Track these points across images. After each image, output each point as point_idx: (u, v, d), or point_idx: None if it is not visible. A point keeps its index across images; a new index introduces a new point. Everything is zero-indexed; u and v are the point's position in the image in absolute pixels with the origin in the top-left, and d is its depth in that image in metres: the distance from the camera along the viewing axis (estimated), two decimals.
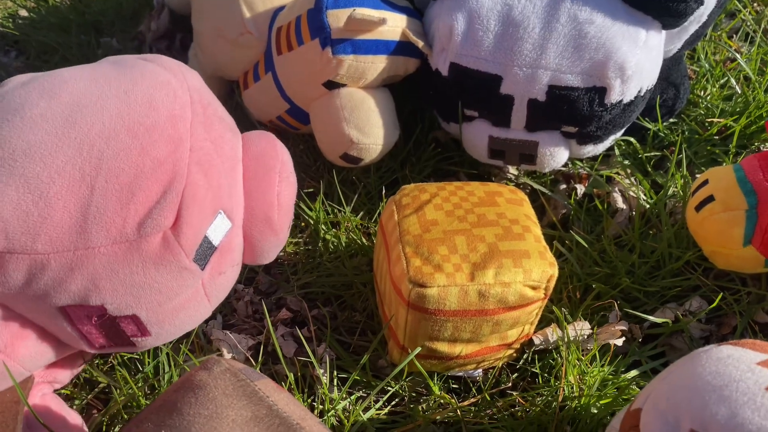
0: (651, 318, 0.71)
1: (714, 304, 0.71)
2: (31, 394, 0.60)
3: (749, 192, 0.68)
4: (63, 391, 0.69)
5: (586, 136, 0.77)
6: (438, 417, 0.66)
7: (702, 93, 0.97)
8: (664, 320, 0.71)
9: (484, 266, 0.60)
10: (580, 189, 0.87)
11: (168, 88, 0.56)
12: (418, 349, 0.64)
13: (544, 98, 0.73)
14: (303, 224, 0.86)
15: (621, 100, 0.73)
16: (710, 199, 0.70)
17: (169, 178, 0.53)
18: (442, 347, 0.64)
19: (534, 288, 0.61)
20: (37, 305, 0.53)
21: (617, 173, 0.88)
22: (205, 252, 0.56)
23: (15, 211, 0.49)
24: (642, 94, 0.76)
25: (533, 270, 0.61)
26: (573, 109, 0.73)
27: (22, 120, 0.52)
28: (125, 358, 0.70)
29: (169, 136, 0.54)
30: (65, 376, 0.65)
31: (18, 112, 0.52)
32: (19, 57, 1.22)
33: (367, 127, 0.78)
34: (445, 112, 0.83)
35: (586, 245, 0.78)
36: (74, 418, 0.62)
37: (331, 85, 0.79)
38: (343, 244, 0.82)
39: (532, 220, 0.66)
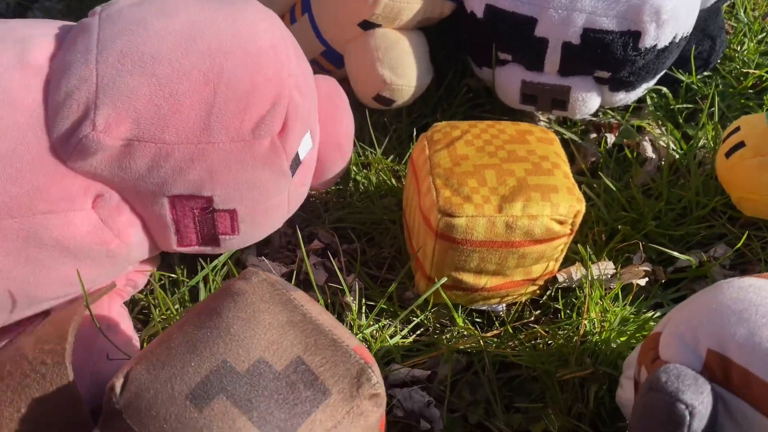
0: (676, 254, 0.72)
1: (739, 245, 0.71)
2: (103, 303, 0.65)
3: None
4: None
5: (619, 82, 0.78)
6: (461, 346, 0.68)
7: (739, 48, 0.96)
8: (687, 257, 0.72)
9: (513, 199, 0.62)
10: (610, 138, 0.87)
11: (267, 21, 0.62)
12: (445, 279, 0.66)
13: (578, 41, 0.74)
14: None
15: (655, 46, 0.73)
16: (741, 145, 0.70)
17: (276, 93, 0.59)
18: (468, 278, 0.66)
19: (561, 222, 0.63)
20: (150, 194, 0.58)
21: (648, 124, 0.88)
22: (295, 163, 0.63)
23: (147, 105, 0.55)
24: (677, 41, 0.76)
25: (561, 204, 0.62)
26: (607, 53, 0.73)
27: (147, 31, 0.57)
28: (164, 282, 0.74)
29: (273, 60, 0.60)
30: (142, 281, 0.70)
31: (140, 24, 0.57)
32: (60, 1, 1.25)
33: (401, 69, 0.80)
34: (478, 57, 0.83)
35: (615, 189, 0.79)
36: (130, 330, 0.66)
37: (367, 26, 0.80)
38: (374, 185, 0.84)
39: (561, 159, 0.67)
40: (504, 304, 0.71)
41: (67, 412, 0.47)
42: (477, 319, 0.72)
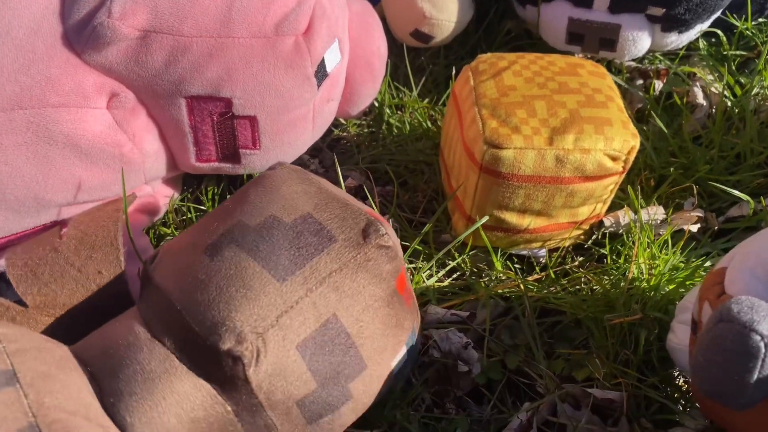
0: (735, 192, 0.68)
1: None
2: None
3: None
4: None
5: (673, 20, 0.73)
6: (500, 290, 0.65)
7: None
8: (746, 197, 0.68)
9: (564, 131, 0.58)
10: (659, 85, 0.83)
11: None
12: (486, 218, 0.63)
13: None
14: (368, 108, 0.84)
15: None
16: None
17: None
18: (511, 218, 0.63)
19: (614, 159, 0.59)
20: (167, 94, 0.56)
21: (699, 70, 0.83)
22: (321, 74, 0.60)
23: None
24: None
25: (615, 138, 0.58)
26: None
27: None
28: (191, 217, 0.71)
29: None
30: (162, 207, 0.68)
31: None
32: None
33: (441, 2, 0.75)
34: None
35: (666, 132, 0.74)
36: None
37: None
38: (408, 128, 0.80)
39: (615, 92, 0.63)
40: (546, 249, 0.68)
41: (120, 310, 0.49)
42: (516, 265, 0.69)
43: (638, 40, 0.75)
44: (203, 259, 0.44)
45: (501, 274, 0.67)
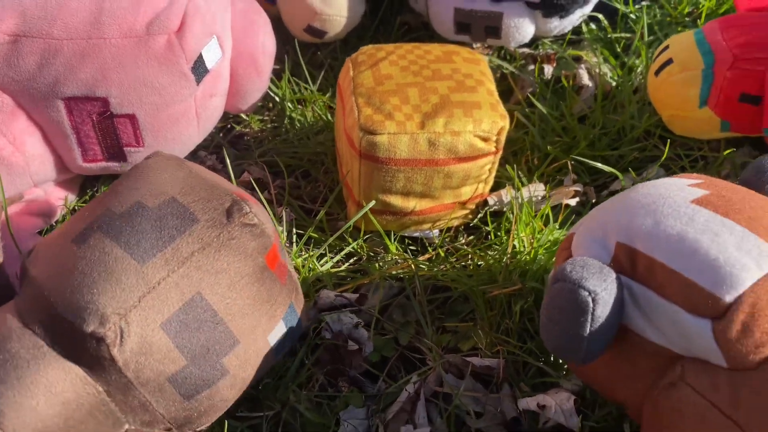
0: (600, 165, 0.72)
1: (661, 161, 0.72)
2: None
3: (707, 52, 0.68)
4: None
5: (551, 6, 0.77)
6: (393, 271, 0.68)
7: None
8: (612, 170, 0.71)
9: (435, 115, 0.61)
10: (548, 69, 0.87)
11: None
12: (373, 202, 0.65)
13: None
14: (270, 104, 0.86)
15: None
16: (669, 62, 0.70)
17: None
18: (396, 201, 0.65)
19: (484, 139, 0.62)
20: (43, 96, 0.57)
21: (585, 54, 0.87)
22: (200, 69, 0.62)
23: None
24: None
25: (483, 120, 0.61)
26: None
27: None
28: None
29: None
30: (56, 209, 0.68)
31: None
32: None
33: None
34: None
35: (546, 113, 0.78)
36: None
37: None
38: (309, 121, 0.82)
39: (486, 77, 0.66)
40: (437, 230, 0.71)
41: None
42: (411, 247, 0.72)
43: (521, 27, 0.79)
44: (71, 247, 0.46)
45: (396, 257, 0.69)
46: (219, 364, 0.48)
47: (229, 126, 0.84)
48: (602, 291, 0.43)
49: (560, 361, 0.61)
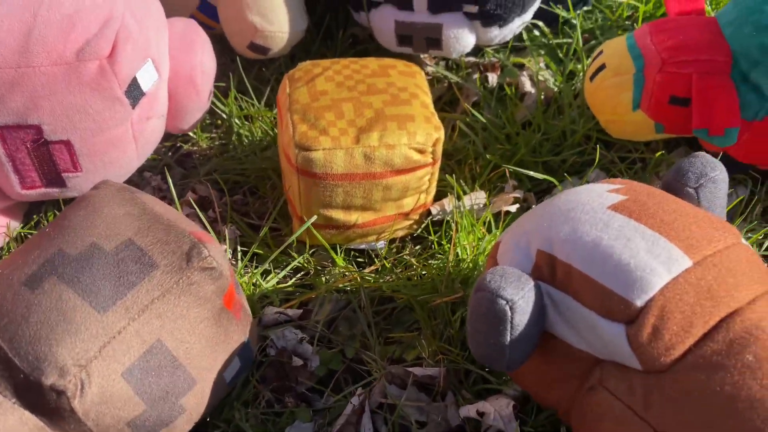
0: (534, 174, 0.72)
1: (594, 166, 0.73)
2: None
3: (637, 56, 0.69)
4: None
5: (489, 16, 0.78)
6: (339, 285, 0.68)
7: None
8: (547, 177, 0.72)
9: (369, 129, 0.62)
10: (492, 77, 0.88)
11: None
12: (315, 217, 0.66)
13: None
14: (219, 121, 0.87)
15: None
16: (603, 67, 0.72)
17: (106, 16, 0.59)
18: (338, 215, 0.66)
19: (420, 151, 0.63)
20: None
21: (528, 60, 0.89)
22: (135, 93, 0.62)
23: None
24: None
25: (418, 133, 0.62)
26: None
27: None
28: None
29: None
30: None
31: None
32: None
33: (271, 14, 0.78)
34: (353, 0, 0.83)
35: (488, 124, 0.79)
36: None
37: None
38: (257, 137, 0.83)
39: (422, 90, 0.67)
40: (383, 242, 0.72)
41: None
42: (359, 259, 0.72)
43: (461, 38, 0.80)
44: (24, 291, 0.45)
45: (342, 269, 0.70)
46: (177, 405, 0.48)
47: (177, 144, 0.84)
48: (519, 299, 0.44)
49: None
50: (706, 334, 0.41)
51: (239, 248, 0.71)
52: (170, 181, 0.70)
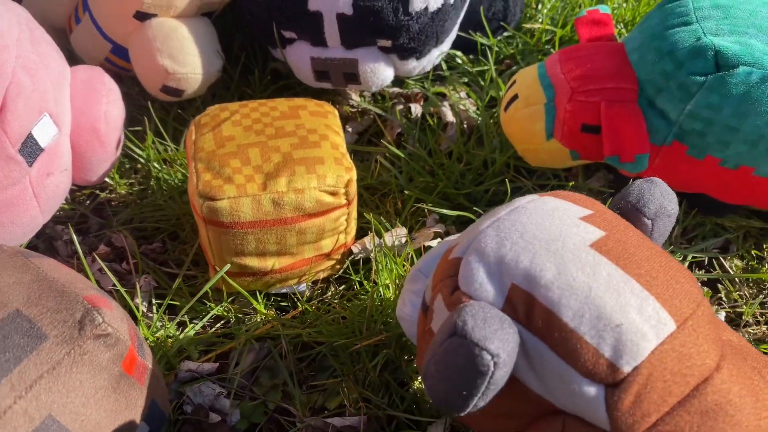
0: (446, 212, 0.72)
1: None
2: None
3: (547, 86, 0.69)
4: None
5: (403, 49, 0.78)
6: (258, 333, 0.66)
7: (538, 6, 0.99)
8: (459, 213, 0.72)
9: (277, 175, 0.60)
10: (415, 108, 0.88)
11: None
12: (227, 267, 0.64)
13: (351, 12, 0.73)
14: (139, 165, 0.84)
15: (426, 8, 0.74)
16: (516, 98, 0.72)
17: None
18: (252, 262, 0.64)
19: (332, 194, 0.62)
20: None
21: (450, 90, 0.88)
22: (32, 150, 0.60)
23: None
24: (451, 2, 0.77)
25: (327, 175, 0.61)
26: (380, 21, 0.73)
27: None
28: None
29: None
30: None
31: None
32: None
33: (182, 56, 0.77)
34: (267, 37, 0.82)
35: (408, 158, 0.79)
36: None
37: (142, 17, 0.77)
38: (177, 181, 0.81)
39: (333, 130, 0.66)
40: (305, 284, 0.70)
41: None
42: (282, 303, 0.70)
43: (378, 71, 0.79)
44: None
45: (264, 316, 0.68)
46: None
47: (95, 192, 0.82)
48: (504, 354, 0.39)
49: (427, 406, 0.61)
50: (680, 402, 0.40)
51: (154, 301, 0.69)
52: (74, 237, 0.68)
